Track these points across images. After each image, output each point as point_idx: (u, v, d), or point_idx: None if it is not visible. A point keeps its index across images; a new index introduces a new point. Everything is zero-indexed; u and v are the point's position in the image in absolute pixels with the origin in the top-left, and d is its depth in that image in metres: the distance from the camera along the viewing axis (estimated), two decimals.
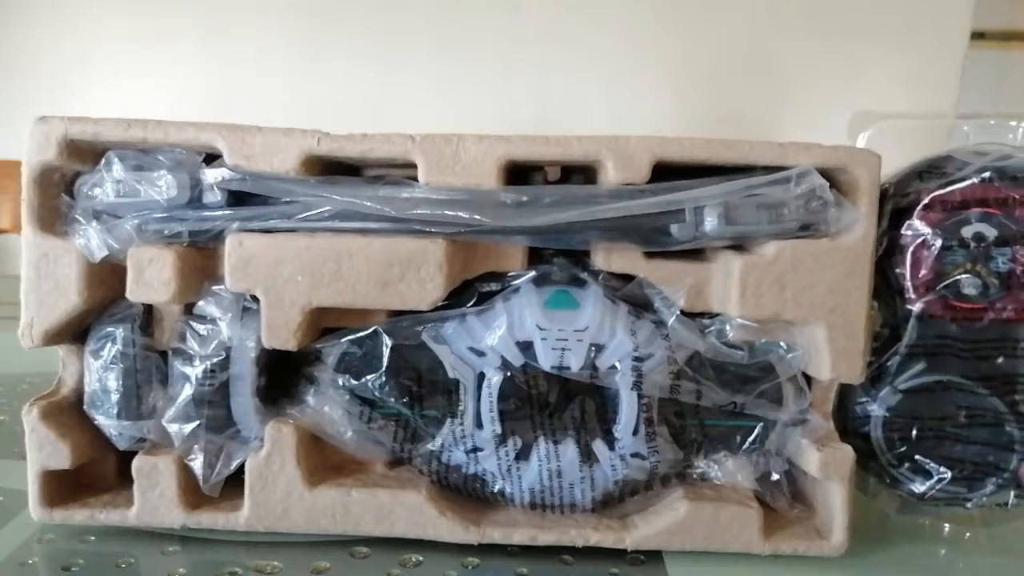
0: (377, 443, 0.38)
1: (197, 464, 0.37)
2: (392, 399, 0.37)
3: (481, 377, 0.36)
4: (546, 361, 0.35)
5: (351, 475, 0.38)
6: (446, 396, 0.37)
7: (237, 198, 0.37)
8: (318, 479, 0.37)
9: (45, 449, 0.37)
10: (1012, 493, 0.37)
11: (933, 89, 1.03)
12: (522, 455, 0.37)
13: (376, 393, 0.37)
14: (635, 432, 0.36)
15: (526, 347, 0.36)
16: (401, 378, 0.37)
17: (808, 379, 0.37)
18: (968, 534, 0.40)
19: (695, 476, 0.38)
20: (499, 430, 0.36)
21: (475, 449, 0.37)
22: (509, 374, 0.36)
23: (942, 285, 0.36)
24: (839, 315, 0.36)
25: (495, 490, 0.38)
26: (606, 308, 0.36)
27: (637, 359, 0.35)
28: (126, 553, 0.37)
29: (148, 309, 0.38)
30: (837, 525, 0.36)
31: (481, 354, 0.36)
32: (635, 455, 0.36)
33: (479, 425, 0.36)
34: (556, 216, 0.34)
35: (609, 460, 0.36)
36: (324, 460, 0.39)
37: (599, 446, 0.36)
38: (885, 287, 0.38)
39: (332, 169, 0.38)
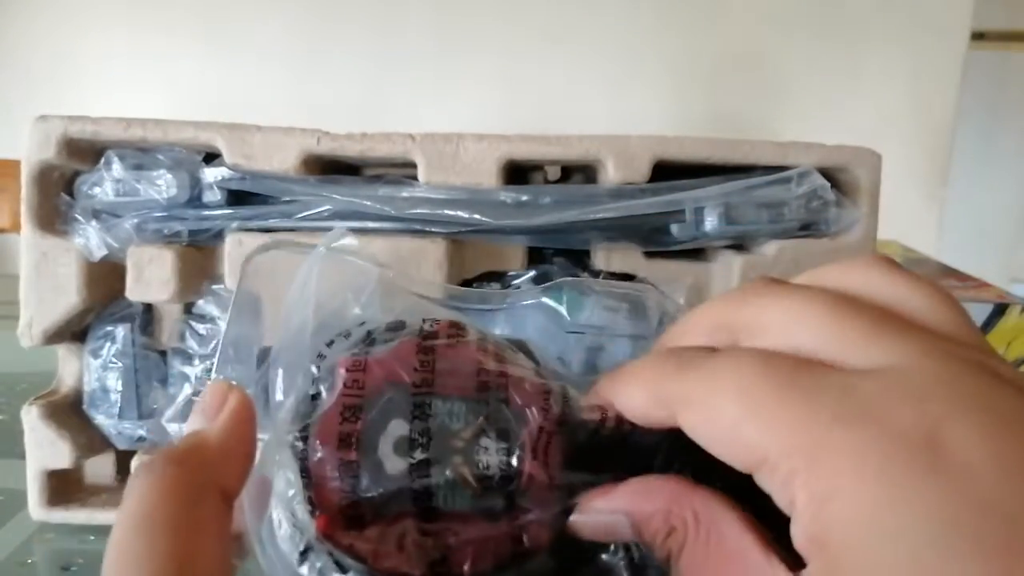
0: None
1: None
2: None
3: None
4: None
5: None
6: None
7: (237, 197, 0.36)
8: None
9: (44, 448, 0.37)
10: None
11: (933, 90, 1.02)
12: None
13: None
14: None
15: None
16: None
17: None
18: None
19: None
20: None
21: None
22: None
23: None
24: None
25: None
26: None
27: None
28: None
29: (147, 308, 0.38)
30: None
31: None
32: None
33: None
34: (556, 216, 0.34)
35: None
36: None
37: None
38: None
39: (332, 168, 0.38)
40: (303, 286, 0.21)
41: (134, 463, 0.37)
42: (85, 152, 0.37)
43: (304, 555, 0.18)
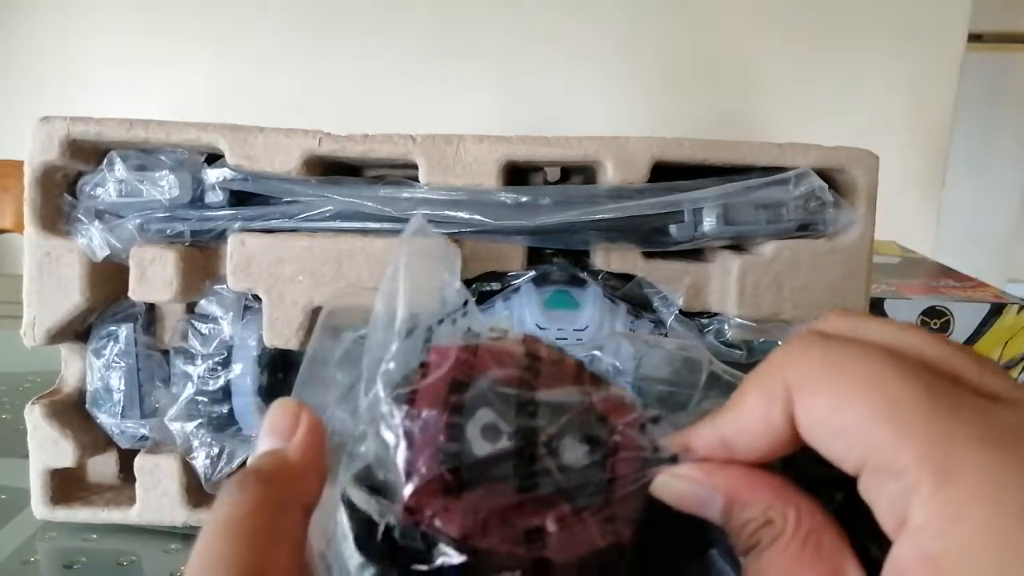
0: None
1: (199, 462, 0.37)
2: None
3: None
4: None
5: None
6: None
7: (239, 198, 0.37)
8: None
9: (47, 447, 0.37)
10: None
11: (930, 91, 1.03)
12: None
13: None
14: None
15: None
16: None
17: None
18: None
19: None
20: None
21: None
22: None
23: None
24: None
25: None
26: (605, 308, 0.36)
27: (636, 358, 0.36)
28: (128, 551, 0.37)
29: (150, 308, 0.38)
30: None
31: None
32: None
33: None
34: (556, 216, 0.35)
35: None
36: None
37: None
38: None
39: (333, 169, 0.38)
40: (395, 273, 0.22)
41: (136, 462, 0.37)
42: (88, 153, 0.37)
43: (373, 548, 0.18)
